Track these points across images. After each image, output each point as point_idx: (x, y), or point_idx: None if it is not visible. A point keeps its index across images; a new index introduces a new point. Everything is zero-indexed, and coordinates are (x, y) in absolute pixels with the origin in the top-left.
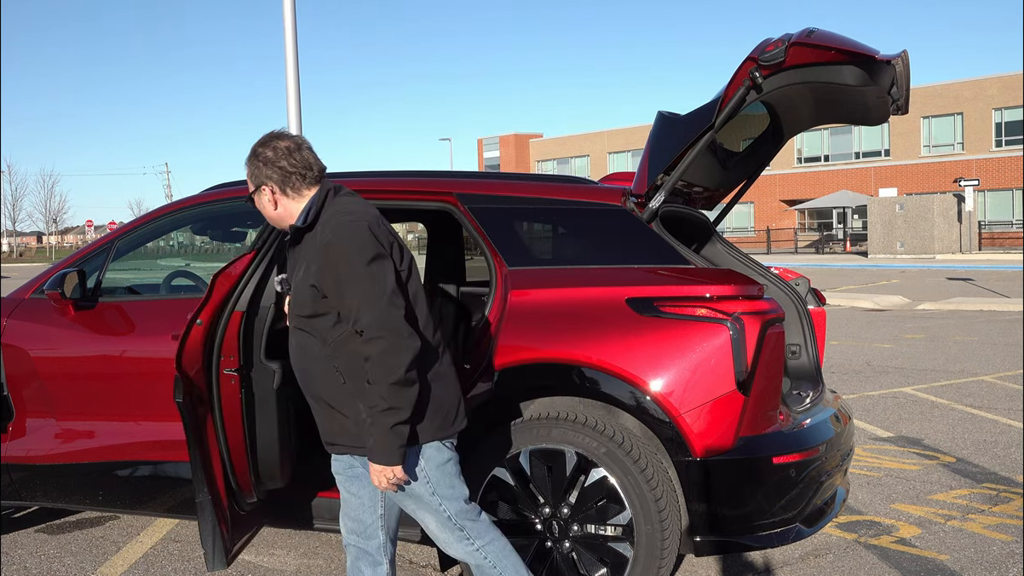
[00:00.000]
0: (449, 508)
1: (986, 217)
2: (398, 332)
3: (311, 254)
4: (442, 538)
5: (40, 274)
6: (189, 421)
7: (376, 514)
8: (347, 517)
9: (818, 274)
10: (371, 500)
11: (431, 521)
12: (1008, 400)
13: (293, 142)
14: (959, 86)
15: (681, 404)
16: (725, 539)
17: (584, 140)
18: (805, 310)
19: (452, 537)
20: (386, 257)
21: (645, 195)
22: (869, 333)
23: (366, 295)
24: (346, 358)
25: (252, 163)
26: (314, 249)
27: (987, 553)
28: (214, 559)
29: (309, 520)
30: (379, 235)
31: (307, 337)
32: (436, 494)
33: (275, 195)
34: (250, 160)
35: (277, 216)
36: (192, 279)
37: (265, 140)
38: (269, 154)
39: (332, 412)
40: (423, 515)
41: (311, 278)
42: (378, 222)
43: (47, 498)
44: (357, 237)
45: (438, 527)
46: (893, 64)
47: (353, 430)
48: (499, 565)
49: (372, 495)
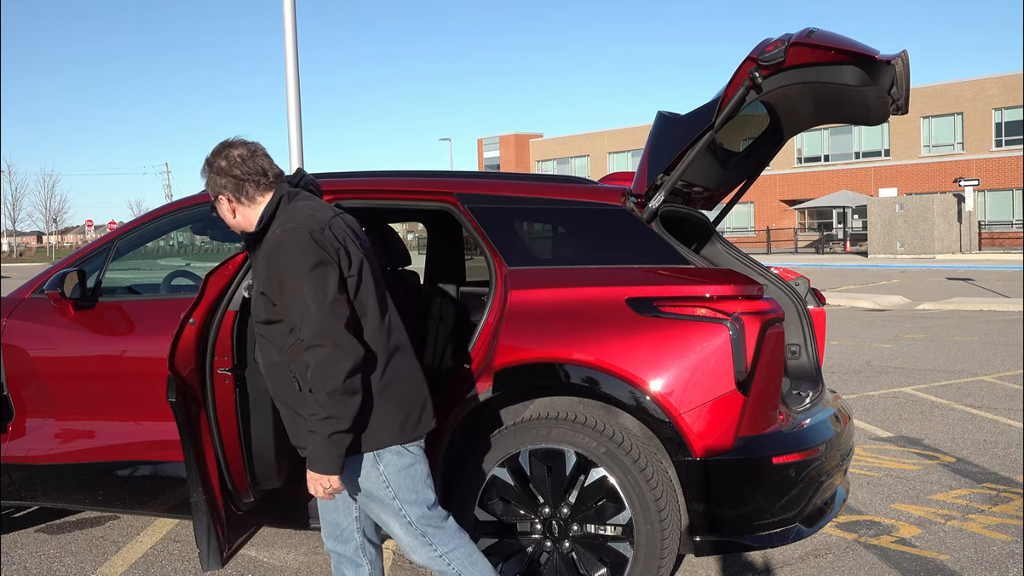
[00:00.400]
0: (411, 513)
1: (986, 217)
2: (337, 341)
3: (260, 262)
4: (405, 543)
5: (40, 274)
6: (183, 421)
7: (351, 516)
8: (324, 521)
9: (818, 274)
10: (345, 504)
11: (394, 526)
12: (1008, 400)
13: (247, 149)
14: (959, 86)
15: (681, 404)
16: (725, 539)
17: (584, 140)
18: (805, 310)
19: (415, 543)
20: (329, 264)
21: (645, 195)
22: (869, 333)
23: (305, 304)
24: (300, 365)
25: (207, 174)
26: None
27: (987, 553)
28: (209, 559)
29: (307, 520)
30: (321, 241)
31: (265, 343)
32: (397, 498)
33: (232, 203)
34: (205, 171)
35: (237, 224)
36: (192, 279)
37: (218, 150)
38: (222, 163)
39: (294, 415)
40: (386, 519)
41: (261, 285)
42: (322, 228)
43: (47, 498)
44: (298, 245)
45: (401, 531)
46: (893, 64)
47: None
48: (464, 572)
49: (346, 498)
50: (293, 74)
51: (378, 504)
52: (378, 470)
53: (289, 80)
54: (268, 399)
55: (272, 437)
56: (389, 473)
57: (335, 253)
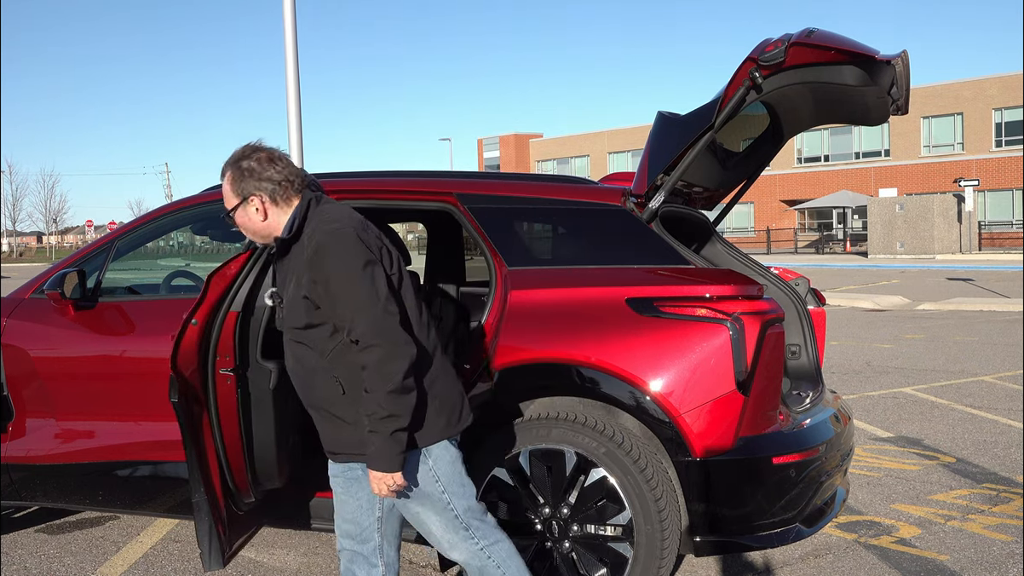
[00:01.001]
0: (458, 506)
1: (986, 217)
2: (394, 340)
3: (299, 265)
4: (446, 539)
5: (40, 274)
6: (185, 421)
7: (373, 516)
8: (342, 520)
9: (818, 274)
10: (369, 503)
11: (436, 523)
12: (1008, 400)
13: (273, 152)
14: (959, 86)
15: (681, 404)
16: (725, 539)
17: (584, 140)
18: (805, 310)
19: (457, 537)
20: (377, 263)
21: (645, 195)
22: (869, 333)
23: (359, 304)
24: (345, 368)
25: (235, 176)
26: (302, 260)
27: (987, 553)
28: (210, 559)
29: (308, 520)
30: (367, 240)
31: (303, 349)
32: (446, 492)
33: (265, 205)
34: (231, 174)
35: (264, 228)
36: (192, 279)
37: (245, 153)
38: (254, 165)
39: (334, 421)
40: (427, 517)
41: (303, 290)
42: (364, 227)
43: (47, 498)
44: (346, 245)
45: (443, 528)
46: (893, 64)
47: (355, 438)
48: (503, 566)
49: (371, 498)
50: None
51: (424, 500)
52: (427, 465)
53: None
54: (269, 399)
55: (273, 437)
56: (439, 467)
57: (378, 252)
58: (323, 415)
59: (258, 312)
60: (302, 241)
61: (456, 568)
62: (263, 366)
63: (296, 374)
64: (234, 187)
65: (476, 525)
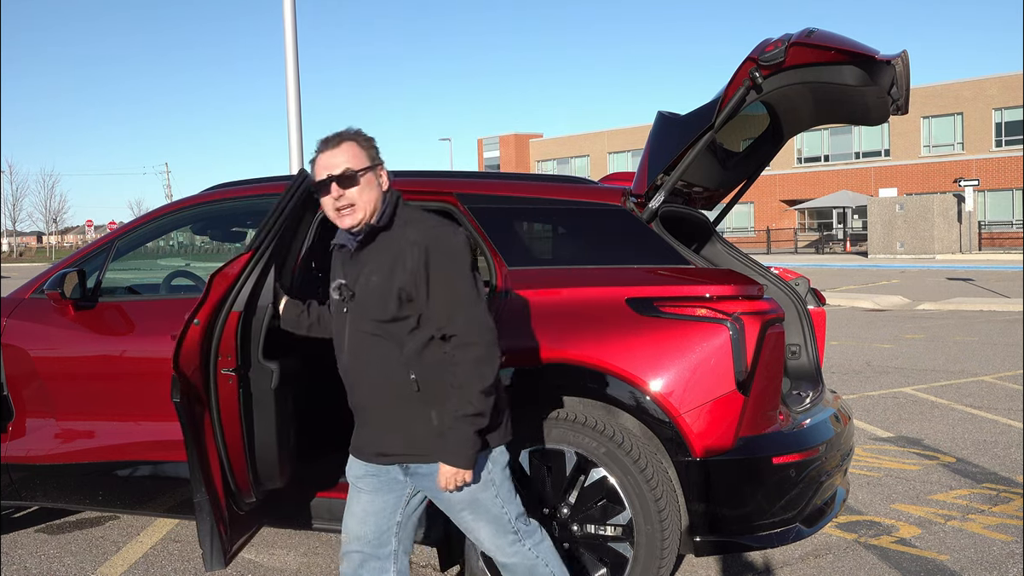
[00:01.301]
0: (511, 511)
1: (986, 217)
2: (491, 341)
3: (390, 257)
4: (495, 543)
5: (40, 274)
6: (187, 421)
7: (394, 521)
8: (357, 522)
9: (818, 274)
10: (393, 507)
11: (486, 528)
12: (1008, 400)
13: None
14: (959, 86)
15: (681, 404)
16: (725, 539)
17: (584, 140)
18: (805, 310)
19: (506, 541)
20: (475, 268)
21: (645, 195)
22: (869, 333)
23: (464, 301)
24: (422, 366)
25: (363, 142)
26: (395, 252)
27: (987, 553)
28: (212, 559)
29: (308, 520)
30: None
31: (379, 342)
32: (499, 496)
33: (382, 179)
34: (358, 140)
35: (373, 202)
36: (192, 279)
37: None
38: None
39: (395, 420)
40: (479, 520)
41: (398, 281)
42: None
43: (47, 498)
44: (459, 245)
45: (494, 533)
46: (893, 64)
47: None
48: (550, 564)
49: (396, 501)
50: (293, 74)
51: (476, 506)
52: (487, 468)
53: (289, 80)
54: (271, 399)
55: (274, 437)
56: (495, 472)
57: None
58: (378, 414)
59: (260, 312)
60: (393, 232)
61: (456, 568)
62: (265, 366)
63: (357, 370)
64: (366, 151)
65: (523, 528)
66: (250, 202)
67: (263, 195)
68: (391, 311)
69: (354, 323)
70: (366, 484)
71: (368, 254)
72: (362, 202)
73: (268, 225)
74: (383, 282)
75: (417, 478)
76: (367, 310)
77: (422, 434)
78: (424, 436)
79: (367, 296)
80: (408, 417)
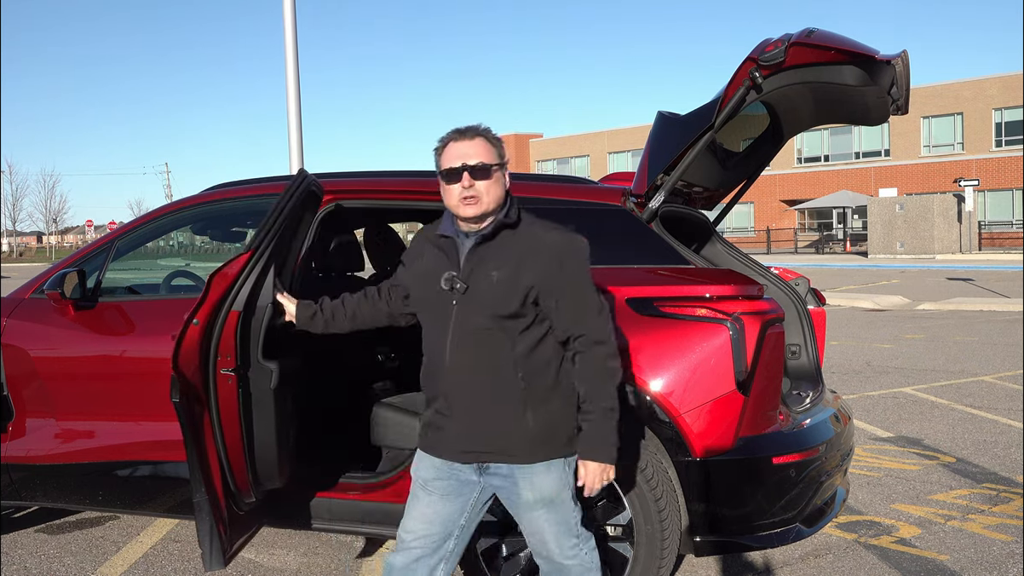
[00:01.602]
0: (576, 515)
1: (986, 217)
2: (615, 341)
3: (514, 254)
4: (559, 544)
5: (40, 274)
6: (186, 421)
7: (458, 524)
8: (422, 523)
9: (818, 274)
10: (460, 510)
11: (554, 528)
12: (1008, 400)
13: None
14: (959, 86)
15: (681, 404)
16: (725, 539)
17: (584, 140)
18: (805, 310)
19: (568, 544)
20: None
21: (645, 195)
22: (869, 333)
23: (593, 305)
24: (530, 365)
25: (493, 140)
26: (522, 249)
27: (987, 553)
28: (211, 559)
29: (308, 520)
30: None
31: (491, 337)
32: (571, 499)
33: (506, 179)
34: (488, 136)
35: (500, 198)
36: (192, 279)
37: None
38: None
39: (488, 418)
40: (549, 522)
41: (525, 279)
42: None
43: (47, 498)
44: (586, 253)
45: (560, 534)
46: (893, 64)
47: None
48: (597, 563)
49: (463, 505)
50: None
51: (552, 506)
52: (565, 471)
53: (289, 80)
54: (270, 399)
55: (274, 437)
56: (569, 475)
57: None
58: (476, 409)
59: (259, 312)
60: (520, 231)
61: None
62: (264, 366)
63: (458, 363)
64: (496, 149)
65: (583, 532)
66: (250, 202)
67: (263, 195)
68: (513, 307)
69: (463, 315)
70: (437, 488)
71: (489, 250)
72: (488, 196)
73: (268, 225)
74: (509, 278)
75: (496, 479)
76: (485, 304)
77: (515, 435)
78: (517, 437)
79: (488, 290)
80: (504, 416)
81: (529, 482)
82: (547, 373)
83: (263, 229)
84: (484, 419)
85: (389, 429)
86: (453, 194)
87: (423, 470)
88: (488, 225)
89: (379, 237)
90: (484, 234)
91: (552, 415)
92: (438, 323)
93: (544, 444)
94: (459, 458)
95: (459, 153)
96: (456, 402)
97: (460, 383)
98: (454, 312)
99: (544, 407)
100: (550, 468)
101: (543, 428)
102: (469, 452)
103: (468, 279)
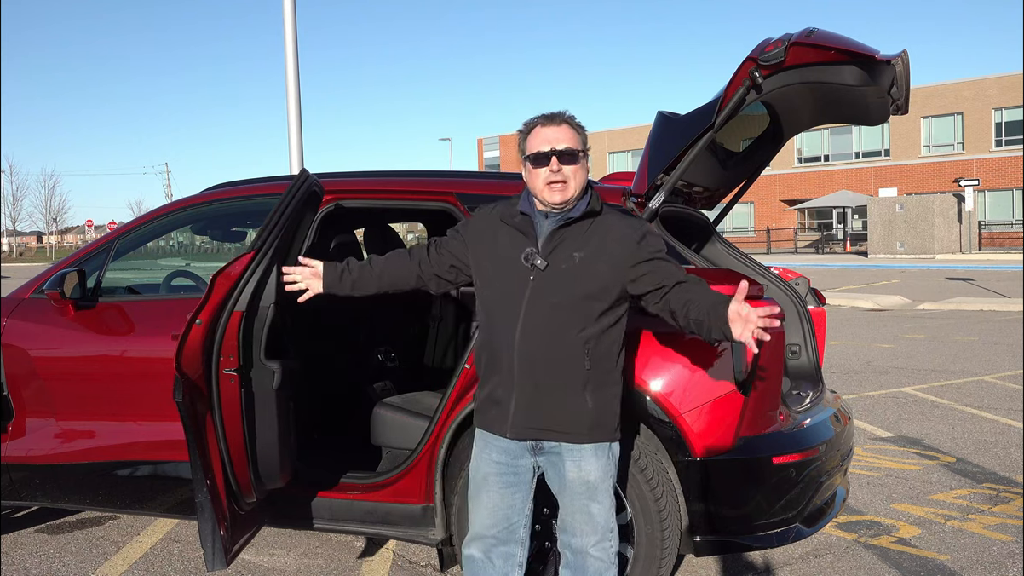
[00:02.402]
0: (612, 514)
1: (986, 217)
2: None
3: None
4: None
5: (40, 274)
6: (189, 421)
7: (523, 514)
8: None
9: (818, 274)
10: (523, 501)
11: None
12: (1008, 400)
13: None
14: (959, 86)
15: (681, 404)
16: (725, 539)
17: None
18: (805, 310)
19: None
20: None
21: (645, 195)
22: (869, 333)
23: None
24: (598, 348)
25: (583, 129)
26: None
27: (987, 553)
28: (214, 559)
29: (309, 520)
30: None
31: (565, 317)
32: (611, 490)
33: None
34: (580, 126)
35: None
36: (192, 279)
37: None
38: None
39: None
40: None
41: (607, 262)
42: None
43: (47, 498)
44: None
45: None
46: (893, 64)
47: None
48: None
49: (525, 496)
50: (293, 74)
51: (594, 496)
52: (610, 459)
53: (289, 80)
54: (272, 399)
55: (276, 437)
56: (613, 465)
57: None
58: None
59: (262, 312)
60: (602, 218)
61: (455, 568)
62: (267, 366)
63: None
64: (581, 136)
65: (615, 527)
66: (250, 202)
67: (263, 195)
68: (592, 288)
69: (538, 292)
70: (498, 480)
71: (571, 232)
72: (573, 181)
73: (270, 225)
74: (591, 261)
75: (545, 456)
76: (565, 283)
77: (573, 414)
78: (575, 416)
79: (568, 270)
80: (565, 395)
81: (576, 462)
82: (610, 359)
83: (266, 229)
84: (546, 396)
85: (389, 429)
86: (540, 177)
87: (483, 463)
88: (574, 208)
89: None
90: (572, 216)
91: (608, 401)
92: (509, 298)
93: (596, 427)
94: (518, 434)
95: (547, 138)
96: (521, 378)
97: (526, 359)
98: (530, 288)
99: (602, 391)
100: (597, 452)
101: (599, 411)
102: (528, 428)
103: (548, 257)
